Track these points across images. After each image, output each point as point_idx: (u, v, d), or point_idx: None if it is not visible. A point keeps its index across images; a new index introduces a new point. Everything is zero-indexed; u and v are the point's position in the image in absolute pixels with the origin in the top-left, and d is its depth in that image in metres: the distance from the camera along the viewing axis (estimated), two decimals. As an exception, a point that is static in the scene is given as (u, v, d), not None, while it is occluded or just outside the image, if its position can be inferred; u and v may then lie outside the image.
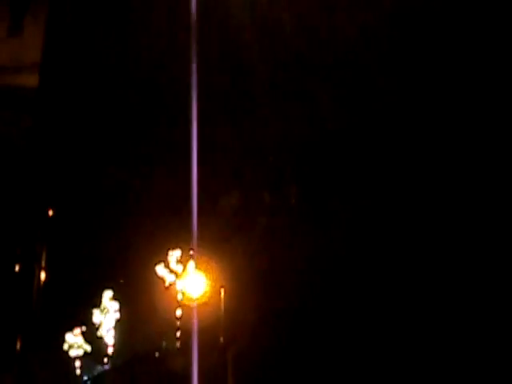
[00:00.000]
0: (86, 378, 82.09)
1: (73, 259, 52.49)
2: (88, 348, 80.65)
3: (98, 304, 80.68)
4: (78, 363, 76.18)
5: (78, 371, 77.56)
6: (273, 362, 42.48)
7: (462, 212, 38.66)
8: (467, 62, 38.37)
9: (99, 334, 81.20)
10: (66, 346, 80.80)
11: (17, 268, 8.64)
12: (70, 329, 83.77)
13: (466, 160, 38.27)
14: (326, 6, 39.12)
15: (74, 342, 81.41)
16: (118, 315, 78.73)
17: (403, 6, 38.88)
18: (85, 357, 79.54)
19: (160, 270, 62.63)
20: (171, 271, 63.80)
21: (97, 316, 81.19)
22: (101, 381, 78.88)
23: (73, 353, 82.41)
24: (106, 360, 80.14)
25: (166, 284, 63.35)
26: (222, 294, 30.56)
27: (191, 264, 32.20)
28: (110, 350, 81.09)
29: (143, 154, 50.85)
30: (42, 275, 8.65)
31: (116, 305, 79.09)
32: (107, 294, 79.38)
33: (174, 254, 62.49)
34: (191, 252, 31.50)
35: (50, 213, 8.65)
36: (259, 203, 48.41)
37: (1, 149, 8.74)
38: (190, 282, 30.39)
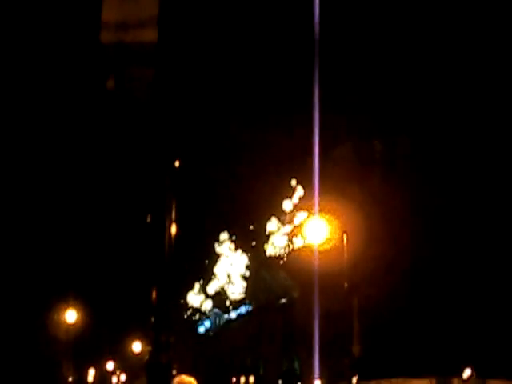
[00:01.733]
0: (209, 326, 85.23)
1: (199, 211, 53.41)
2: (210, 300, 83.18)
3: (221, 256, 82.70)
4: (202, 309, 78.55)
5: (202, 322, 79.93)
6: (396, 309, 42.43)
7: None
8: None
9: (224, 284, 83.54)
10: (190, 299, 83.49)
11: (148, 219, 8.85)
12: (196, 280, 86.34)
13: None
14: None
15: (199, 293, 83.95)
16: (243, 265, 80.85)
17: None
18: (209, 306, 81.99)
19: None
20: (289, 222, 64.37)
21: (221, 267, 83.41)
22: (226, 329, 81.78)
23: (196, 299, 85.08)
24: (230, 309, 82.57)
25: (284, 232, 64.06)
26: (345, 240, 30.52)
27: (314, 210, 32.25)
28: (235, 300, 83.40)
29: (264, 106, 50.95)
30: (173, 228, 8.81)
31: (240, 255, 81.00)
32: (231, 245, 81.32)
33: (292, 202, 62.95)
34: (314, 198, 31.54)
35: (177, 164, 8.75)
36: (375, 152, 47.99)
37: (126, 104, 8.87)
38: (312, 228, 30.39)
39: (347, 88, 45.24)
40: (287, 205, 60.76)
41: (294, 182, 58.04)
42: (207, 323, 71.83)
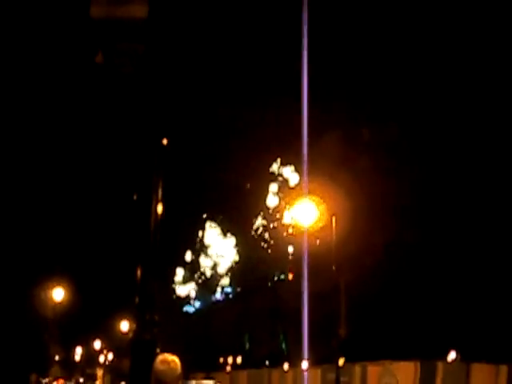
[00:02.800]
0: (196, 307, 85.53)
1: (186, 190, 53.33)
2: (199, 280, 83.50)
3: (209, 237, 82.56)
4: (189, 294, 78.92)
5: (190, 302, 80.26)
6: (383, 291, 42.62)
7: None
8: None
9: (211, 265, 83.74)
10: (176, 280, 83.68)
11: (134, 197, 8.80)
12: (182, 262, 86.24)
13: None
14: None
15: (186, 275, 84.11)
16: (230, 247, 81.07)
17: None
18: (196, 288, 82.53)
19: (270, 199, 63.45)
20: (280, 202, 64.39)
21: (209, 248, 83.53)
22: (214, 309, 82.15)
23: (183, 289, 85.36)
24: (217, 291, 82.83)
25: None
26: (334, 222, 30.54)
27: (303, 192, 32.27)
28: (222, 281, 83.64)
29: (255, 88, 50.83)
30: (159, 207, 8.78)
31: (227, 237, 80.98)
32: (218, 226, 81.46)
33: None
34: (303, 179, 31.57)
35: (165, 142, 8.73)
36: (362, 140, 48.13)
37: (114, 80, 8.80)
38: (301, 210, 30.39)
39: (336, 75, 45.29)
40: (272, 200, 60.68)
41: (275, 167, 58.01)
42: (197, 304, 71.82)
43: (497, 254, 38.46)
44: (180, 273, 71.75)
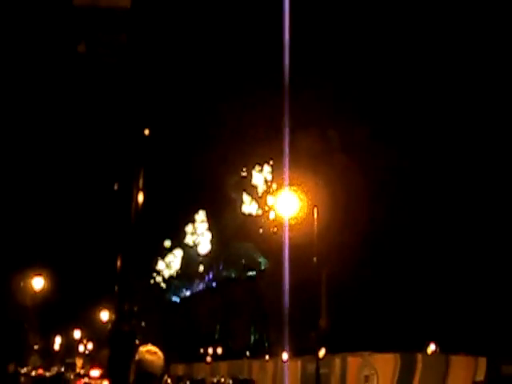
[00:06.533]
0: (176, 298, 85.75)
1: (167, 180, 53.29)
2: (179, 270, 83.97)
3: (190, 226, 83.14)
4: (169, 284, 79.24)
5: (169, 292, 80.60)
6: (363, 284, 42.72)
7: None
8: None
9: (191, 255, 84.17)
10: (158, 268, 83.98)
11: (115, 187, 8.72)
12: (163, 251, 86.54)
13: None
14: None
15: (167, 263, 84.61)
16: (209, 237, 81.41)
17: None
18: (176, 278, 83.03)
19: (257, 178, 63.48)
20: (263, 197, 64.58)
21: (189, 238, 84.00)
22: (193, 301, 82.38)
23: (165, 273, 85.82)
24: (198, 281, 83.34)
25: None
26: (315, 213, 30.56)
27: (285, 183, 32.28)
28: (202, 272, 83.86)
29: (235, 81, 50.85)
30: (140, 196, 8.71)
31: (207, 226, 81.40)
32: (199, 216, 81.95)
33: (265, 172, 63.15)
34: (284, 170, 31.61)
35: (147, 132, 8.67)
36: (332, 141, 48.39)
37: (97, 69, 8.69)
38: (283, 201, 30.37)
39: (313, 77, 45.66)
40: (258, 180, 60.90)
41: (244, 173, 58.88)
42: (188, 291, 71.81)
43: (475, 248, 38.69)
44: (162, 264, 71.70)
